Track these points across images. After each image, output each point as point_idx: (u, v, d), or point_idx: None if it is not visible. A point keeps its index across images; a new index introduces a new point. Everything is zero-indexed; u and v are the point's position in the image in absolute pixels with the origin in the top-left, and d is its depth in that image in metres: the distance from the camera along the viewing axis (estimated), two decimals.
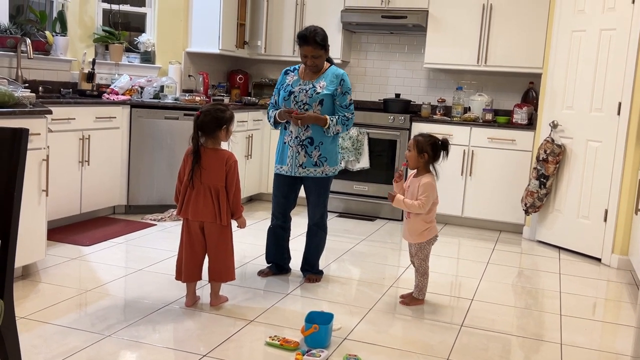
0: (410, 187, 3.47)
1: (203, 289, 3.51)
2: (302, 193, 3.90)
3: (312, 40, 3.57)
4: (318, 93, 3.66)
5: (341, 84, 3.69)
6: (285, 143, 3.78)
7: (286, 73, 3.82)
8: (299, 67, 3.81)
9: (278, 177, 3.85)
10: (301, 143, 3.71)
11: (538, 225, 5.29)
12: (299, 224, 4.18)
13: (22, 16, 4.90)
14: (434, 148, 3.41)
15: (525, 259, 4.80)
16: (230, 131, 3.26)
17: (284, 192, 3.84)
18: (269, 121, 3.87)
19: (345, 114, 3.72)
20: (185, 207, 3.25)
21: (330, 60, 3.81)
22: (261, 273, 3.92)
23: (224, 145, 3.35)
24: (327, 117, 3.67)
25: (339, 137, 3.91)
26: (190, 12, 6.01)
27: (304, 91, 3.68)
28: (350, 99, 3.74)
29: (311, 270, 3.90)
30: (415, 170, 3.48)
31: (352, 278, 4.02)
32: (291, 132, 3.73)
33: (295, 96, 3.70)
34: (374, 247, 4.82)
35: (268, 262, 3.98)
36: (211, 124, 3.19)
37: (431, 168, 3.45)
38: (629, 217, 4.54)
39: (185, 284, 3.32)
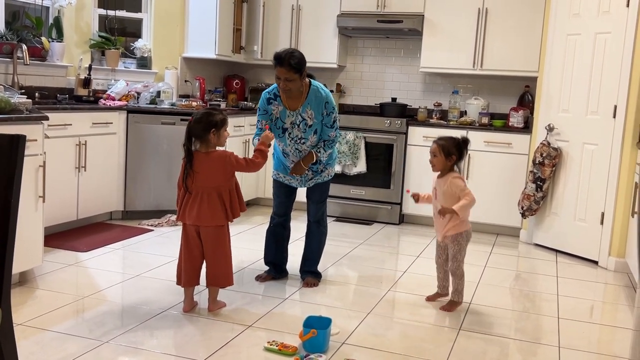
0: (437, 188, 3.55)
1: (201, 294, 3.51)
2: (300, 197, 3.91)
3: (286, 63, 3.45)
4: (310, 126, 3.64)
5: (326, 107, 3.65)
6: (288, 165, 3.78)
7: (269, 102, 3.68)
8: (277, 90, 3.68)
9: (280, 182, 3.88)
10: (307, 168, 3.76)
11: (535, 228, 5.30)
12: (295, 228, 4.18)
13: (18, 22, 4.90)
14: (459, 148, 3.50)
15: (523, 262, 4.81)
16: (222, 135, 3.24)
17: (286, 193, 3.89)
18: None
19: (330, 134, 3.70)
20: (182, 211, 3.27)
21: (310, 76, 3.72)
22: (259, 278, 3.92)
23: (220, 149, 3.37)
24: (314, 152, 3.68)
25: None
26: (187, 17, 6.01)
27: (296, 126, 3.64)
28: (335, 117, 3.69)
29: (310, 271, 3.91)
30: (439, 172, 3.57)
31: (350, 282, 4.02)
32: (293, 161, 3.74)
33: (290, 133, 3.67)
34: (371, 251, 4.82)
35: (267, 264, 3.99)
36: (200, 128, 3.20)
37: (455, 168, 3.55)
38: (625, 220, 4.55)
39: (183, 289, 3.32)
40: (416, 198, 3.65)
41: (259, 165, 3.33)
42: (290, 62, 3.46)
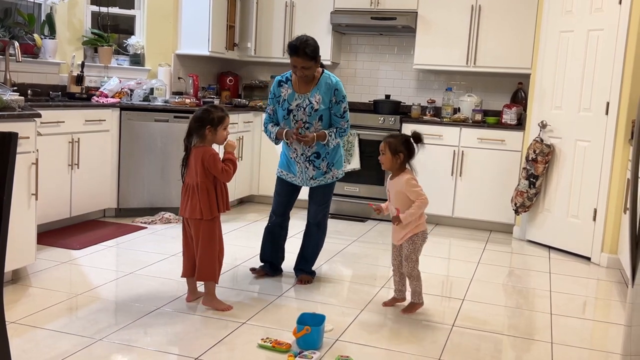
0: (390, 191, 3.42)
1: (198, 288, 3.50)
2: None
3: (302, 52, 3.51)
4: (316, 110, 3.64)
5: (335, 94, 3.66)
6: (291, 158, 3.77)
7: (279, 85, 3.73)
8: (290, 75, 3.73)
9: (283, 180, 3.87)
10: (308, 159, 3.73)
11: (528, 224, 5.32)
12: (293, 225, 4.18)
13: (10, 19, 4.87)
14: (408, 146, 3.35)
15: (516, 258, 4.83)
16: (219, 133, 3.27)
17: (287, 192, 3.88)
18: (269, 136, 3.78)
19: (341, 123, 3.71)
20: (180, 204, 3.34)
21: (322, 66, 3.76)
22: (254, 271, 3.93)
23: (217, 147, 3.38)
24: (326, 132, 3.67)
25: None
26: (180, 14, 5.99)
27: (302, 109, 3.64)
28: (345, 107, 3.70)
29: (305, 269, 3.91)
30: (391, 173, 3.43)
31: (344, 279, 4.02)
32: (295, 149, 3.72)
33: (294, 115, 3.67)
34: (365, 248, 4.82)
35: (262, 261, 3.99)
36: (195, 124, 3.26)
37: (407, 166, 3.39)
38: (617, 216, 4.57)
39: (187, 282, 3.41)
40: (378, 210, 3.52)
41: (230, 175, 3.26)
42: (306, 50, 3.52)
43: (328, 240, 4.88)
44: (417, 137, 3.36)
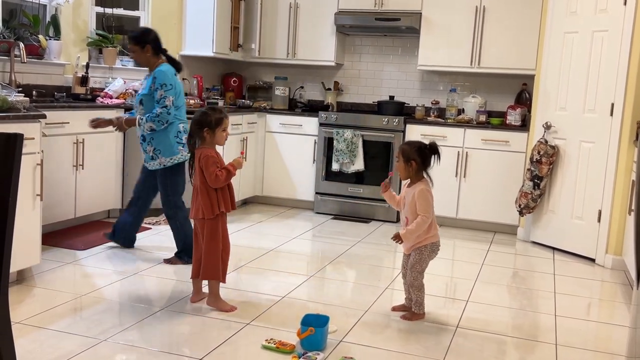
0: (405, 198, 3.32)
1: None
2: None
3: (130, 36, 4.04)
4: (138, 94, 4.05)
5: (154, 81, 3.94)
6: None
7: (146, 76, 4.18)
8: None
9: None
10: (139, 141, 4.05)
11: (532, 226, 5.31)
12: (297, 226, 4.17)
13: (16, 20, 4.89)
14: (421, 154, 3.24)
15: (520, 259, 4.82)
16: (218, 135, 3.27)
17: (141, 178, 4.27)
18: None
19: (156, 109, 3.94)
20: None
21: (170, 59, 4.09)
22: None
23: (219, 148, 3.42)
24: (137, 117, 3.99)
25: (176, 128, 4.01)
26: (184, 15, 6.00)
27: (136, 93, 4.13)
28: (162, 94, 3.93)
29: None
30: (409, 180, 3.33)
31: (348, 280, 4.02)
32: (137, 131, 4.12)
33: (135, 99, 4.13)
34: (369, 249, 4.82)
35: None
36: (195, 127, 3.30)
37: (425, 174, 3.30)
38: (622, 218, 4.56)
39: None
40: (384, 187, 3.36)
41: (219, 181, 3.22)
42: (133, 36, 4.02)
43: (331, 241, 4.89)
44: (433, 148, 3.26)
